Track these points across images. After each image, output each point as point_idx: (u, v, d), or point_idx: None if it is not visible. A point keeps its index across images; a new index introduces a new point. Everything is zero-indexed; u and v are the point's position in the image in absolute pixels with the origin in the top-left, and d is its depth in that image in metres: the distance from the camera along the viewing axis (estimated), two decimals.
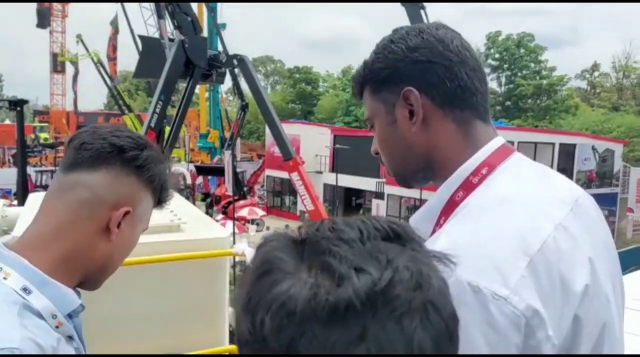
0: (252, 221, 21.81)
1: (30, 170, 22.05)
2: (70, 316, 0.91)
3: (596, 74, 50.75)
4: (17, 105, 16.55)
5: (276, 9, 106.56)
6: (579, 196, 0.88)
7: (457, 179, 0.86)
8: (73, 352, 0.91)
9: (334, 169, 24.59)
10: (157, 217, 2.87)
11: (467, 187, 0.84)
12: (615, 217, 23.60)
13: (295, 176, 12.57)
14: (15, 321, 0.80)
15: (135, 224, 0.98)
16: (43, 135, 37.93)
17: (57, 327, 0.87)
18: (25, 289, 0.85)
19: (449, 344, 0.48)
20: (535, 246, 0.73)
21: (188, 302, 2.52)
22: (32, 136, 34.25)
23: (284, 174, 25.27)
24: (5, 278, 0.84)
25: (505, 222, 0.76)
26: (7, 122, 46.81)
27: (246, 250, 2.56)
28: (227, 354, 2.63)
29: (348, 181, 23.85)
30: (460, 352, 0.66)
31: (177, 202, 3.30)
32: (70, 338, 0.90)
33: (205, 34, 16.76)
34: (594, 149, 23.00)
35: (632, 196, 23.22)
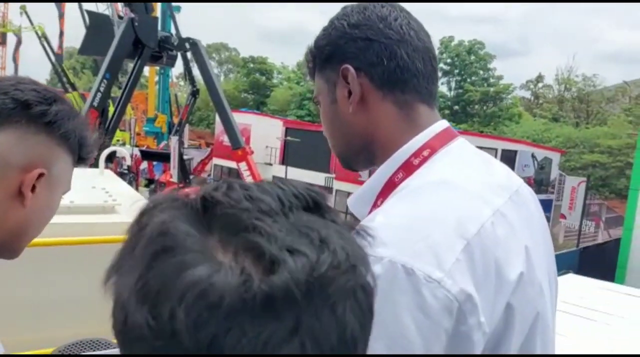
0: None
1: None
2: None
3: (540, 84, 53.04)
4: None
5: None
6: (519, 185, 0.88)
7: (397, 160, 0.83)
8: None
9: (284, 161, 24.51)
10: (91, 196, 2.74)
11: (408, 168, 0.82)
12: (549, 222, 24.81)
13: (243, 166, 12.43)
14: None
15: (53, 187, 0.88)
16: None
17: None
18: None
19: (370, 327, 0.44)
20: (472, 229, 0.71)
21: None
22: None
23: (232, 164, 24.89)
24: None
25: (443, 205, 0.75)
26: None
27: None
28: None
29: (298, 174, 23.81)
30: (390, 336, 0.64)
31: (112, 183, 3.16)
32: None
33: (158, 15, 16.24)
34: (533, 156, 24.05)
35: (565, 203, 24.43)
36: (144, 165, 25.70)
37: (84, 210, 2.51)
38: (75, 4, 25.49)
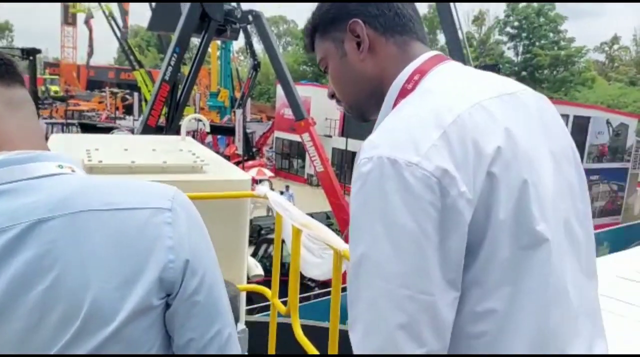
0: (260, 181, 21.97)
1: (41, 122, 22.13)
2: None
3: (615, 46, 49.61)
4: (29, 54, 16.43)
5: None
6: (518, 90, 0.94)
7: (395, 89, 0.95)
8: None
9: (344, 133, 24.49)
10: (181, 158, 2.92)
11: (404, 94, 0.93)
12: (624, 192, 23.53)
13: (306, 137, 12.53)
14: None
15: None
16: (54, 87, 37.85)
17: None
18: None
19: None
20: (448, 119, 0.81)
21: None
22: (43, 89, 34.15)
23: (292, 137, 25.25)
24: (73, 171, 0.83)
25: (423, 105, 0.86)
26: None
27: (268, 193, 2.59)
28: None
29: (357, 146, 23.74)
30: (385, 218, 0.77)
31: (196, 147, 3.34)
32: None
33: None
34: (608, 122, 22.72)
35: None
36: (209, 138, 26.53)
37: (177, 169, 2.67)
38: None
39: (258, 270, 3.37)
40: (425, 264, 0.76)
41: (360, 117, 1.05)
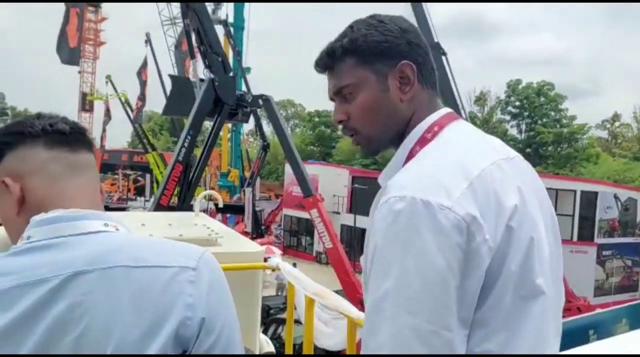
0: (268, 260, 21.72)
1: None
2: None
3: (617, 124, 50.61)
4: None
5: (297, 52, 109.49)
6: (514, 156, 1.03)
7: (415, 136, 1.02)
8: None
9: (352, 209, 24.58)
10: (196, 231, 3.01)
11: (422, 142, 1.01)
12: (639, 267, 23.00)
13: (314, 213, 12.64)
14: None
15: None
16: None
17: None
18: None
19: None
20: (474, 172, 0.89)
21: None
22: None
23: (301, 214, 25.31)
24: (117, 229, 0.90)
25: (448, 156, 0.94)
26: None
27: (280, 263, 2.66)
28: None
29: (366, 222, 23.67)
30: (416, 253, 0.81)
31: (211, 222, 3.45)
32: None
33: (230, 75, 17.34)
34: (616, 197, 22.65)
35: None
36: (218, 217, 26.70)
37: (192, 242, 2.75)
38: (155, 72, 27.71)
39: (270, 347, 3.34)
40: (450, 302, 0.82)
41: (372, 151, 1.08)
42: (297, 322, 2.69)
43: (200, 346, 0.80)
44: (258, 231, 24.63)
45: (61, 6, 38.18)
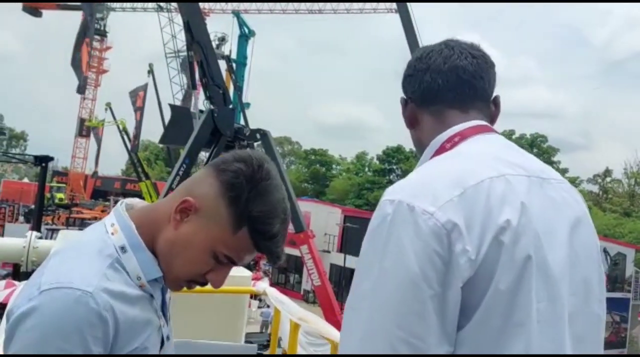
0: (255, 297, 21.42)
1: (42, 228, 22.12)
2: (154, 282, 0.99)
3: (608, 179, 51.25)
4: (42, 161, 17.02)
5: (296, 93, 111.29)
6: (552, 178, 0.98)
7: (433, 147, 1.05)
8: (152, 311, 0.98)
9: (342, 249, 24.44)
10: None
11: (440, 151, 1.02)
12: (627, 323, 22.83)
13: (305, 249, 12.60)
14: (101, 271, 0.91)
15: (199, 227, 0.98)
16: (59, 195, 38.44)
17: (140, 287, 0.96)
18: (122, 248, 0.96)
19: None
20: (471, 182, 0.87)
21: (208, 334, 2.61)
22: (48, 195, 34.73)
23: (290, 251, 24.95)
24: (112, 234, 0.97)
25: (450, 164, 0.94)
26: (26, 180, 47.81)
27: (267, 289, 2.67)
28: None
29: (356, 262, 23.48)
30: (394, 254, 0.82)
31: None
32: (152, 297, 0.99)
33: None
34: (605, 251, 22.73)
35: None
36: None
37: None
38: (155, 101, 28.05)
39: None
40: (423, 310, 0.79)
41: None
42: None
43: None
44: (246, 267, 24.33)
45: (61, 31, 38.75)
